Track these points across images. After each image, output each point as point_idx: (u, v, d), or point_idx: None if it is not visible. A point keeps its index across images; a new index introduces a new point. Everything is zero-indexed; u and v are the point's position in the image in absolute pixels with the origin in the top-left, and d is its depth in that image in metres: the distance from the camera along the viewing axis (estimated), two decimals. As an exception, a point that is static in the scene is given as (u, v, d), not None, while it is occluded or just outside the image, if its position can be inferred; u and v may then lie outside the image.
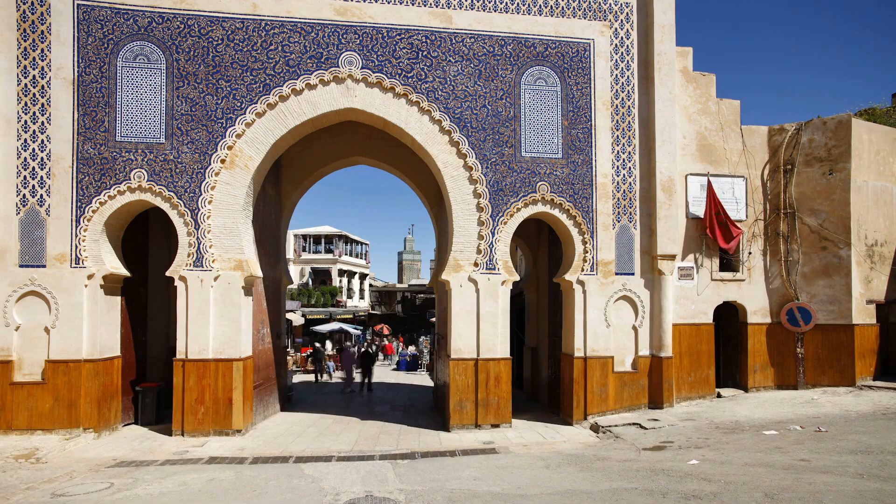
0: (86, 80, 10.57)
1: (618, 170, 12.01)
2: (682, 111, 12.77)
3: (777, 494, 6.47)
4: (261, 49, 10.99)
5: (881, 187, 13.42)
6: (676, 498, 6.55)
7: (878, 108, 18.24)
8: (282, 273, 14.70)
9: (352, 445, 10.40)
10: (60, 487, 7.68)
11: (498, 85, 11.65)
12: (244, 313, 11.08)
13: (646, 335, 12.14)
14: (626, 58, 12.11)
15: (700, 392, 12.81)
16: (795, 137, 13.35)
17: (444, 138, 11.48)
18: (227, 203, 10.94)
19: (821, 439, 9.05)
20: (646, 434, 10.31)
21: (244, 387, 10.95)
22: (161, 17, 10.76)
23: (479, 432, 11.15)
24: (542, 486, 7.49)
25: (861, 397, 12.12)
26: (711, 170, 12.98)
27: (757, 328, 13.28)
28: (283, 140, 11.38)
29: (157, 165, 10.75)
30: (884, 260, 13.45)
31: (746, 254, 13.15)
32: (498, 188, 11.61)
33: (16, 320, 10.34)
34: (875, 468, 7.32)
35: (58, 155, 10.47)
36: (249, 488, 7.63)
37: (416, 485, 7.66)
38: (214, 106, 10.89)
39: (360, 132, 14.04)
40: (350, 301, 45.96)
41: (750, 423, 10.49)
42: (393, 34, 11.34)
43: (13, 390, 10.23)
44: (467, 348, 11.39)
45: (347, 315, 40.26)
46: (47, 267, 10.40)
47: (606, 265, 11.91)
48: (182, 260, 10.80)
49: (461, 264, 11.50)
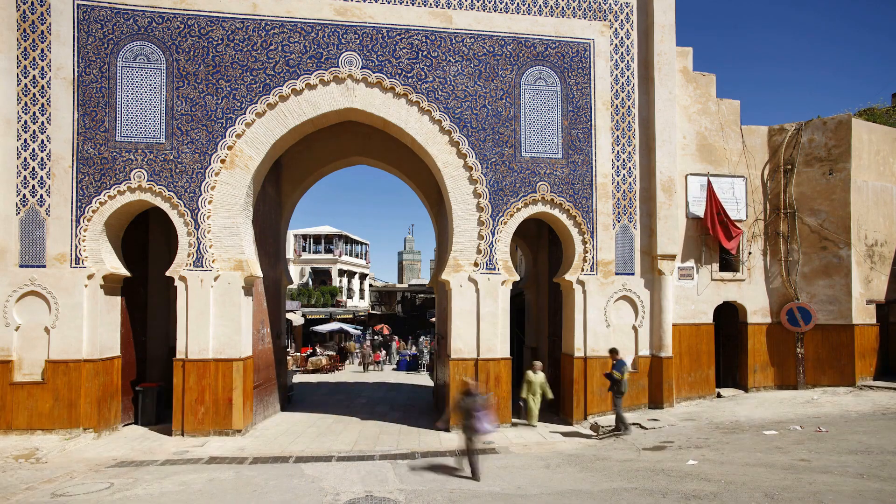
0: (86, 80, 10.57)
1: (618, 170, 12.01)
2: (682, 111, 12.77)
3: (777, 494, 6.48)
4: (261, 49, 10.99)
5: (881, 187, 13.42)
6: (676, 498, 6.55)
7: (878, 108, 18.23)
8: (282, 273, 14.69)
9: (352, 445, 10.40)
10: (60, 487, 7.68)
11: (498, 85, 11.65)
12: (244, 313, 11.08)
13: (646, 335, 12.14)
14: (626, 58, 12.11)
15: (700, 392, 12.81)
16: (795, 137, 13.35)
17: (443, 138, 11.48)
18: (227, 203, 10.94)
19: (821, 439, 9.05)
20: (646, 434, 10.31)
21: (244, 387, 10.95)
22: (161, 17, 10.76)
23: (479, 432, 11.14)
24: (542, 486, 7.49)
25: (861, 397, 12.12)
26: (711, 170, 12.98)
27: (757, 328, 13.28)
28: (283, 140, 11.38)
29: (157, 165, 10.74)
30: (884, 260, 13.45)
31: (746, 254, 13.16)
32: (498, 188, 11.60)
33: (16, 320, 10.34)
34: (875, 468, 7.32)
35: (58, 155, 10.47)
36: (249, 488, 7.63)
37: (416, 485, 7.66)
38: (214, 106, 10.89)
39: (360, 132, 14.04)
40: (350, 301, 45.91)
41: (750, 423, 10.49)
42: (393, 34, 11.33)
43: (13, 390, 10.22)
44: (467, 348, 11.39)
45: (347, 315, 40.22)
46: (47, 267, 10.40)
47: (606, 265, 11.91)
48: (182, 260, 10.80)
49: (461, 264, 11.50)
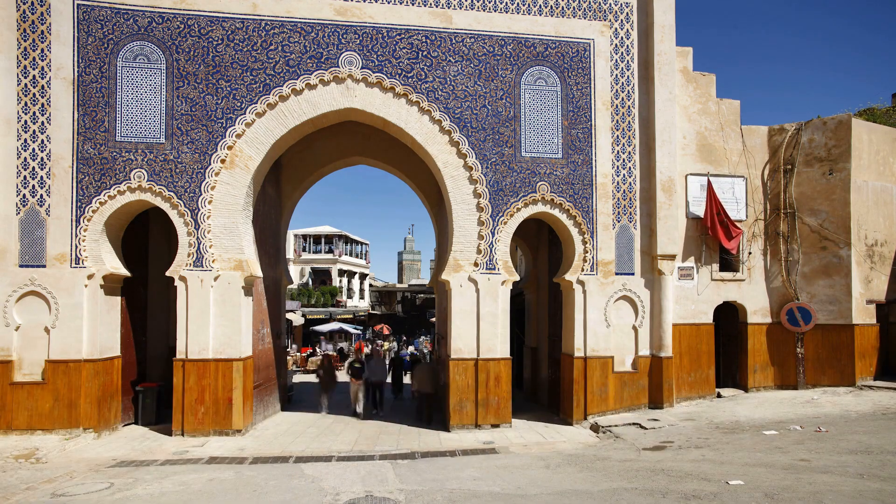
0: (86, 80, 10.57)
1: (618, 170, 12.01)
2: (682, 111, 12.76)
3: (777, 494, 6.47)
4: (261, 49, 10.99)
5: (881, 187, 13.42)
6: (676, 498, 6.55)
7: (878, 108, 18.22)
8: (282, 273, 14.70)
9: (352, 445, 10.41)
10: (60, 487, 7.67)
11: (498, 85, 11.64)
12: (244, 313, 11.08)
13: (646, 335, 12.14)
14: (626, 58, 12.10)
15: (700, 392, 12.81)
16: (795, 137, 13.35)
17: (443, 138, 11.47)
18: (227, 203, 10.94)
19: (821, 439, 9.05)
20: (646, 434, 10.31)
21: (244, 387, 10.95)
22: (161, 17, 10.76)
23: (479, 432, 11.15)
24: (542, 486, 7.49)
25: (861, 397, 12.12)
26: (711, 170, 12.98)
27: (757, 328, 13.28)
28: (283, 140, 11.38)
29: (157, 165, 10.74)
30: (884, 260, 13.45)
31: (746, 254, 13.15)
32: (498, 188, 11.60)
33: (16, 320, 10.34)
34: (875, 468, 7.32)
35: (58, 155, 10.46)
36: (249, 488, 7.63)
37: (416, 485, 7.66)
38: (214, 106, 10.89)
39: (360, 132, 14.03)
40: (350, 301, 45.92)
41: (750, 423, 10.49)
42: (393, 34, 11.33)
43: (13, 390, 10.22)
44: (467, 348, 11.39)
45: (347, 315, 40.23)
46: (47, 267, 10.40)
47: (606, 265, 11.90)
48: (182, 260, 10.80)
49: (461, 264, 11.50)
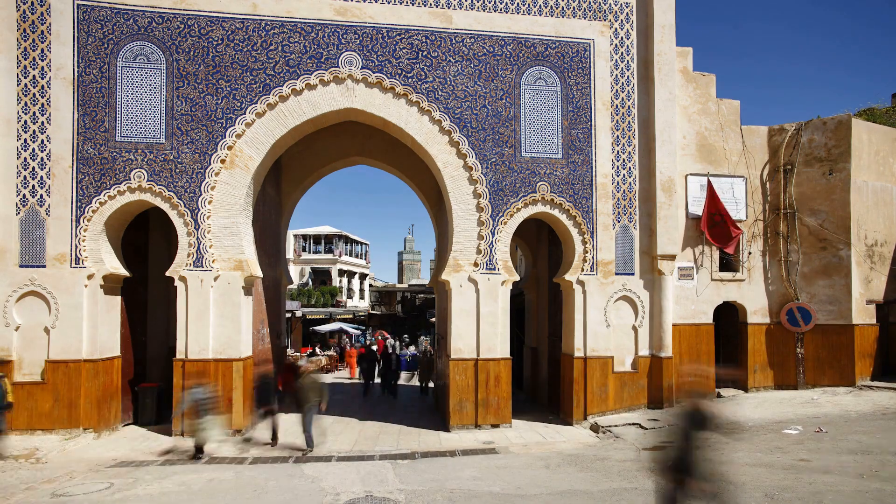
0: (86, 80, 10.57)
1: (618, 170, 12.01)
2: (682, 111, 12.76)
3: (777, 494, 6.48)
4: (261, 49, 10.99)
5: (881, 187, 13.42)
6: (676, 498, 6.54)
7: (878, 108, 18.23)
8: (282, 273, 14.70)
9: (352, 445, 10.41)
10: (60, 487, 7.68)
11: (498, 85, 11.64)
12: (244, 313, 11.07)
13: (646, 335, 12.13)
14: (625, 58, 12.11)
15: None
16: (795, 137, 13.35)
17: (444, 138, 11.47)
18: (227, 203, 10.94)
19: (821, 439, 9.06)
20: (646, 434, 10.31)
21: (244, 387, 10.95)
22: (161, 17, 10.76)
23: (478, 432, 11.15)
24: (541, 486, 7.49)
25: (861, 397, 12.12)
26: (711, 170, 12.98)
27: (757, 328, 13.27)
28: (283, 140, 11.38)
29: (157, 165, 10.74)
30: (884, 260, 13.45)
31: (746, 254, 13.15)
32: (498, 188, 11.60)
33: (16, 320, 10.33)
34: (875, 468, 7.32)
35: (58, 155, 10.46)
36: (249, 488, 7.63)
37: (415, 485, 7.66)
38: (214, 106, 10.89)
39: (360, 132, 14.04)
40: (350, 301, 45.90)
41: (750, 424, 10.49)
42: (393, 34, 11.33)
43: (13, 390, 10.16)
44: (467, 348, 11.38)
45: (347, 315, 40.19)
46: (47, 267, 10.39)
47: (606, 265, 11.90)
48: (182, 260, 10.80)
49: (461, 264, 11.50)
